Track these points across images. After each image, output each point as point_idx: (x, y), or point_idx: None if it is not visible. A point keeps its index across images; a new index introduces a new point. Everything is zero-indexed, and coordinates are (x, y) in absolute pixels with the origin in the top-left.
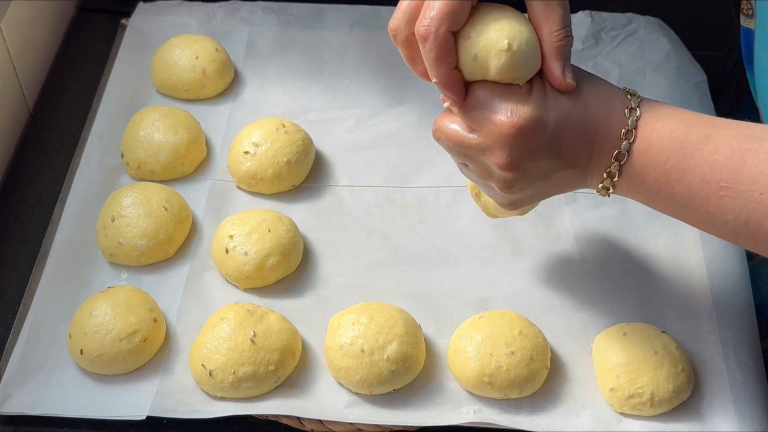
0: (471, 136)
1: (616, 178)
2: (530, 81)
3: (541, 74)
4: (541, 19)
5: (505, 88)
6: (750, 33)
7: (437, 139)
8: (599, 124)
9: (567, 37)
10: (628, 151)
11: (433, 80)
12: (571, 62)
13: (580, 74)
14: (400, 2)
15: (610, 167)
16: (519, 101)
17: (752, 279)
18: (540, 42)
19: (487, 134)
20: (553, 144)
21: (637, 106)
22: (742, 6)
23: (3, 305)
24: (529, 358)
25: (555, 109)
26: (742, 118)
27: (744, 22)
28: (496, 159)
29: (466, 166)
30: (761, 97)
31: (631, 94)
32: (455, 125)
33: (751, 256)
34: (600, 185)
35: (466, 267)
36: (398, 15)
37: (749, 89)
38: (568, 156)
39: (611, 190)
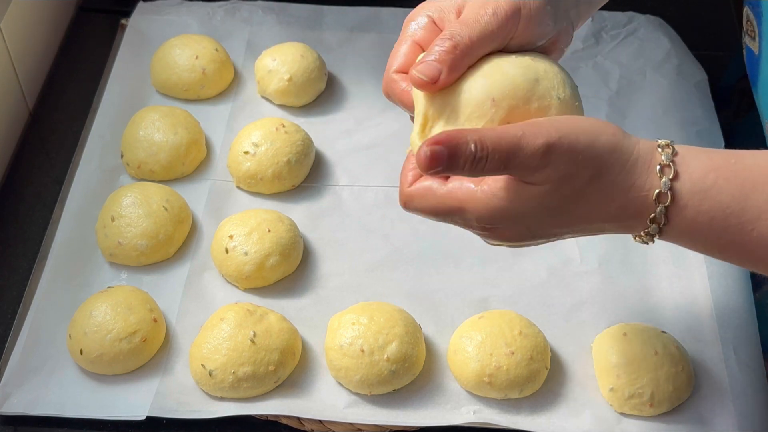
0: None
1: (656, 235)
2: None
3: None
4: None
5: (459, 190)
6: (753, 54)
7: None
8: (610, 217)
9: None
10: (666, 219)
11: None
12: (572, 63)
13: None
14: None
15: (646, 229)
16: (481, 205)
17: (758, 310)
18: None
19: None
20: (545, 230)
21: (669, 189)
22: (746, 27)
23: (3, 305)
24: (529, 358)
25: (541, 210)
26: (746, 131)
27: (748, 42)
28: (472, 228)
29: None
30: (765, 118)
31: (662, 166)
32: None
33: (756, 288)
34: (637, 239)
35: (466, 267)
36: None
37: (754, 104)
38: (568, 232)
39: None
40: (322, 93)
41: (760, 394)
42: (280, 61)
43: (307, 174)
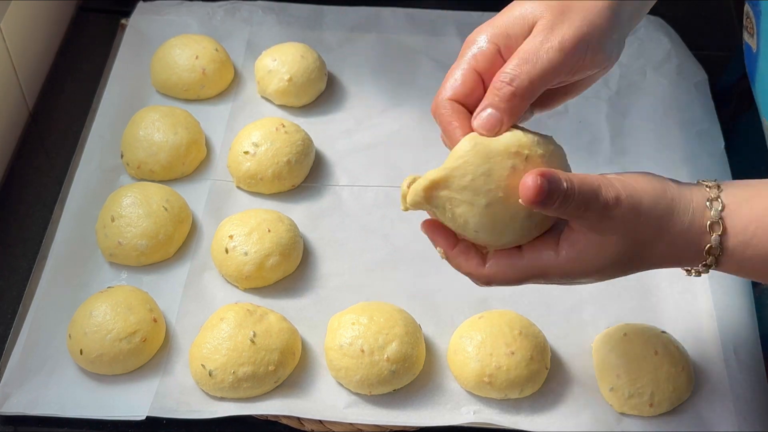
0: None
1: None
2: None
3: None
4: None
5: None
6: (751, 51)
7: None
8: (667, 263)
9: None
10: (716, 264)
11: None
12: None
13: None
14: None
15: (698, 271)
16: (566, 269)
17: (758, 310)
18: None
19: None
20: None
21: (719, 244)
22: (745, 23)
23: (3, 305)
24: (529, 358)
25: (582, 265)
26: (746, 129)
27: (747, 39)
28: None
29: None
30: (764, 115)
31: (711, 222)
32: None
33: (756, 284)
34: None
35: None
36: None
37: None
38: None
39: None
40: (322, 93)
41: (760, 394)
42: (280, 62)
43: (307, 174)
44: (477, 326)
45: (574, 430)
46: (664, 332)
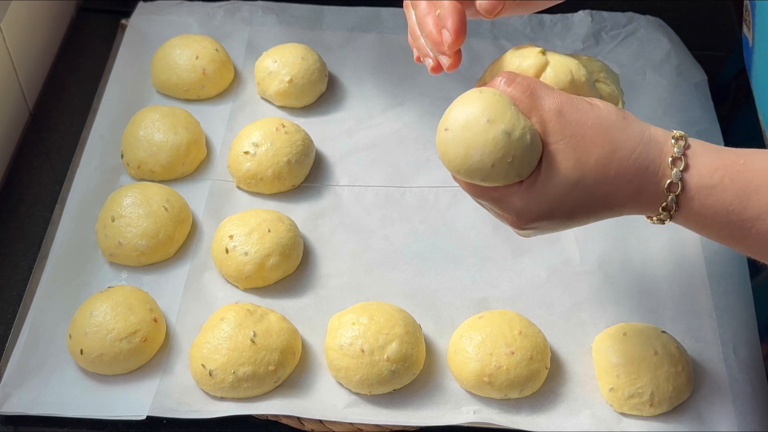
0: (486, 194)
1: (667, 220)
2: (535, 172)
3: (548, 164)
4: None
5: (503, 190)
6: (748, 43)
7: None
8: (629, 202)
9: None
10: (675, 206)
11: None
12: None
13: (609, 127)
14: None
15: (659, 215)
16: (523, 204)
17: (757, 298)
18: None
19: (498, 215)
20: (569, 223)
21: (679, 179)
22: (744, 16)
23: (3, 305)
24: (529, 358)
25: (566, 203)
26: (744, 123)
27: (745, 32)
28: (509, 220)
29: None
30: (760, 107)
31: (673, 159)
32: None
33: (754, 274)
34: (649, 220)
35: (466, 267)
36: None
37: (751, 94)
38: (593, 218)
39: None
40: (322, 93)
41: (760, 394)
42: (280, 63)
43: (307, 174)
44: (477, 326)
45: (574, 430)
46: (664, 332)
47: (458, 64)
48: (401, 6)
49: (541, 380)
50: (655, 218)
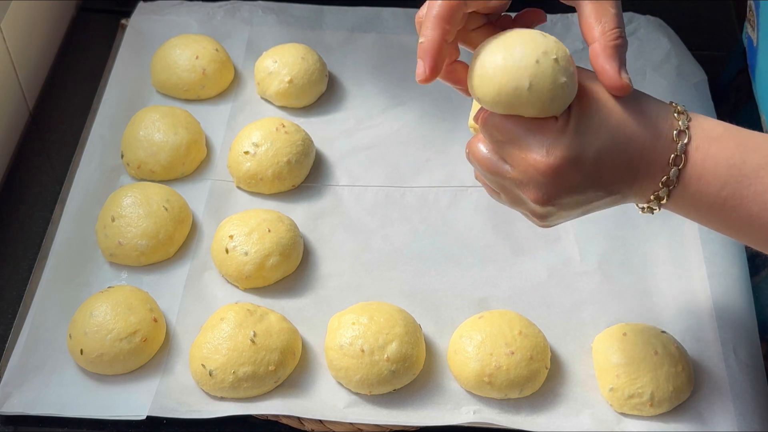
0: (505, 167)
1: (664, 201)
2: (567, 111)
3: (579, 102)
4: (593, 19)
5: (539, 123)
6: (752, 44)
7: (470, 161)
8: (644, 150)
9: (621, 37)
10: (677, 177)
11: (421, 40)
12: None
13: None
14: None
15: (658, 191)
16: (555, 138)
17: (757, 298)
18: (592, 43)
19: (522, 171)
20: (593, 178)
21: (687, 128)
22: (748, 16)
23: (3, 305)
24: (529, 358)
25: (594, 143)
26: (744, 123)
27: (749, 32)
28: (530, 194)
29: (497, 193)
30: (762, 107)
31: (679, 112)
32: (489, 153)
33: (754, 274)
34: (646, 206)
35: (466, 267)
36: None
37: (752, 94)
38: (609, 186)
39: (657, 210)
40: (323, 93)
41: (760, 394)
42: (280, 63)
43: (307, 174)
44: (477, 326)
45: (574, 430)
46: (664, 332)
47: (435, 76)
48: (401, 6)
49: (541, 380)
50: (653, 197)
